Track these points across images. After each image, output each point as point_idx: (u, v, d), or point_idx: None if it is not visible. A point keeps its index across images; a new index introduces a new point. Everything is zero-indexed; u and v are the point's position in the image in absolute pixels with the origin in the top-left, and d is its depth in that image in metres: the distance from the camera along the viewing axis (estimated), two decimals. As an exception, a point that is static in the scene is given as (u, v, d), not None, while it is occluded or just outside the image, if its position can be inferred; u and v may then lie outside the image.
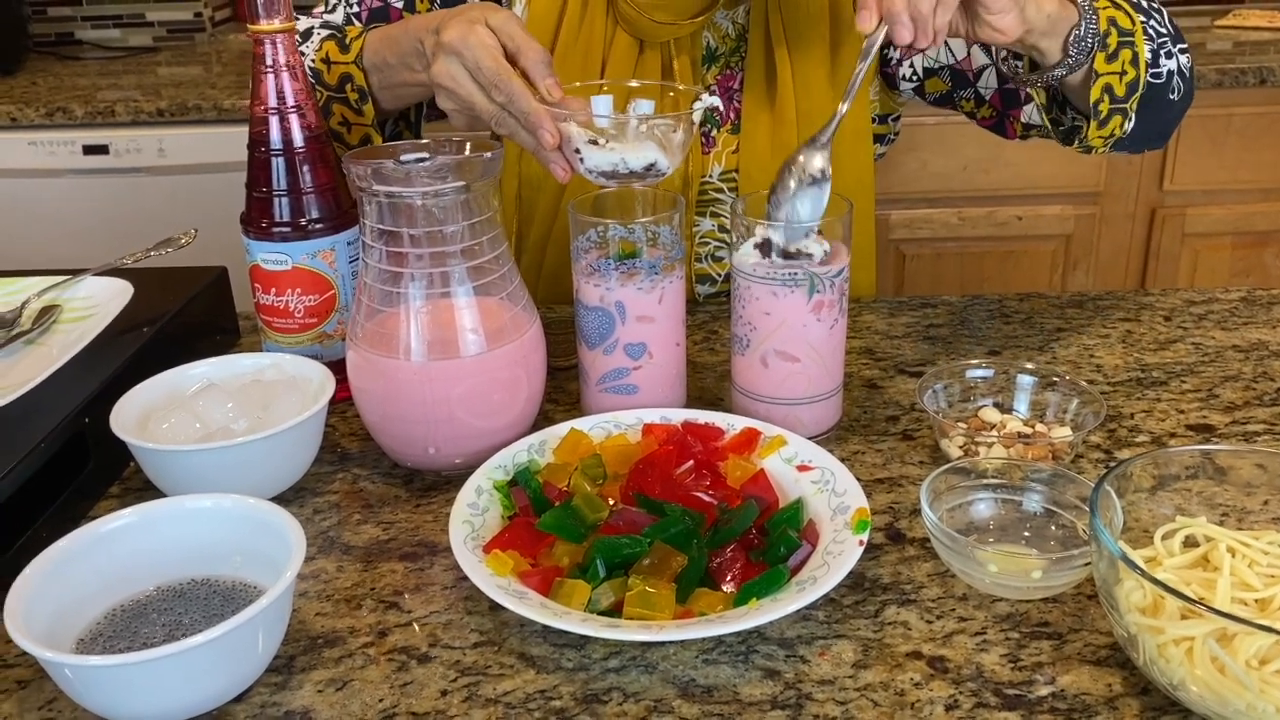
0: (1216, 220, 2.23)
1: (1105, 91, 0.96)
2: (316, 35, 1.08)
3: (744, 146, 1.12)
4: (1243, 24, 2.46)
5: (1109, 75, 0.95)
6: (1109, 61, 0.95)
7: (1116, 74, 0.95)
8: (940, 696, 0.63)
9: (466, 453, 0.84)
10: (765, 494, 0.78)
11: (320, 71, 1.05)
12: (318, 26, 1.11)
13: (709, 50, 1.11)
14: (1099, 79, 0.95)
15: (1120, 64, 0.95)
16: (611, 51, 1.09)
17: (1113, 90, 0.96)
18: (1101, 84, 0.95)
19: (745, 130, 1.12)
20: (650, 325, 0.88)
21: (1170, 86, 1.02)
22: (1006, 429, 0.87)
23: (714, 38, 1.11)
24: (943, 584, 0.73)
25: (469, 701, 0.64)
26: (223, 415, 0.85)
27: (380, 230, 0.81)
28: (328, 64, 1.05)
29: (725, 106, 1.12)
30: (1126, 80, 0.96)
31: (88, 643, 0.65)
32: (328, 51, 1.05)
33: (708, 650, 0.67)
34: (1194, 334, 1.07)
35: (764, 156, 1.11)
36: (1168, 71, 1.01)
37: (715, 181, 1.15)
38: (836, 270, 0.84)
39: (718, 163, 1.14)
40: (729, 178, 1.14)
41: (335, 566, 0.76)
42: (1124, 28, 0.95)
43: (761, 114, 1.11)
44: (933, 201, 2.21)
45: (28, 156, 2.15)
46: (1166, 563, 0.66)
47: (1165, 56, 1.01)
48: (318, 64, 1.06)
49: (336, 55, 1.05)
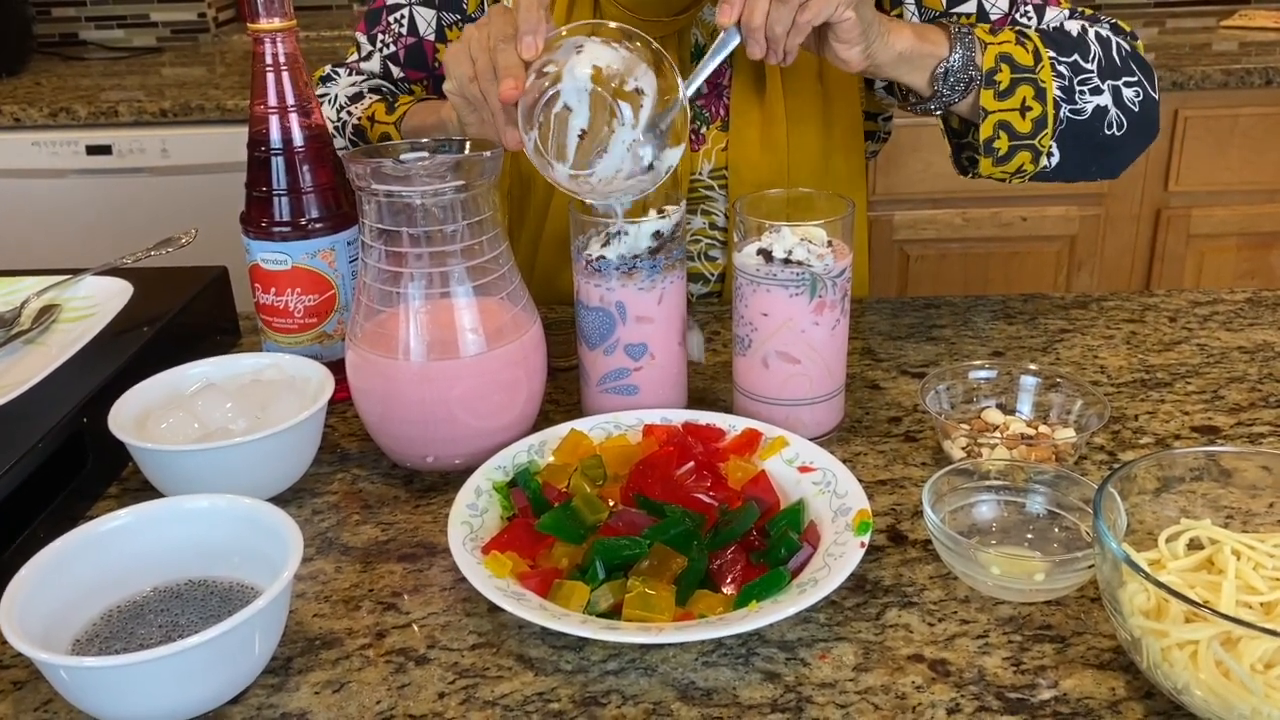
0: (1222, 221, 2.22)
1: (1000, 128, 0.97)
2: (368, 97, 1.16)
3: (733, 144, 1.12)
4: (1249, 24, 2.45)
5: (1003, 112, 0.97)
6: (999, 99, 0.96)
7: (1015, 110, 0.97)
8: (942, 700, 0.63)
9: (466, 453, 0.84)
10: (766, 495, 0.77)
11: (364, 129, 1.13)
12: (362, 83, 1.18)
13: (697, 47, 1.12)
14: (989, 116, 0.97)
15: (1017, 100, 0.96)
16: None
17: (1011, 127, 0.97)
18: (993, 121, 0.97)
19: (734, 127, 1.12)
20: (651, 325, 0.87)
21: (1104, 122, 1.01)
22: (1010, 430, 0.86)
23: (702, 35, 1.12)
24: (945, 586, 0.72)
25: (467, 704, 0.64)
26: (221, 415, 0.85)
27: (380, 230, 0.81)
28: (372, 122, 1.12)
29: (714, 104, 1.13)
30: (1032, 116, 0.97)
31: (84, 644, 0.65)
32: (374, 111, 1.13)
33: (707, 653, 0.67)
34: (1199, 335, 1.06)
35: (753, 153, 1.12)
36: (1094, 108, 0.99)
37: (705, 179, 1.15)
38: (839, 271, 0.84)
39: (707, 160, 1.14)
40: (719, 175, 1.14)
41: (334, 567, 0.76)
42: (1021, 64, 0.96)
43: (751, 111, 1.11)
44: (937, 202, 2.20)
45: (31, 157, 2.15)
46: (1171, 565, 0.66)
47: (1090, 93, 0.99)
48: (363, 121, 1.12)
49: (382, 116, 1.12)
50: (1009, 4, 1.06)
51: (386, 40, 1.18)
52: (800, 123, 1.11)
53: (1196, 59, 2.18)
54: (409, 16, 1.16)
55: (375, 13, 1.18)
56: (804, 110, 1.10)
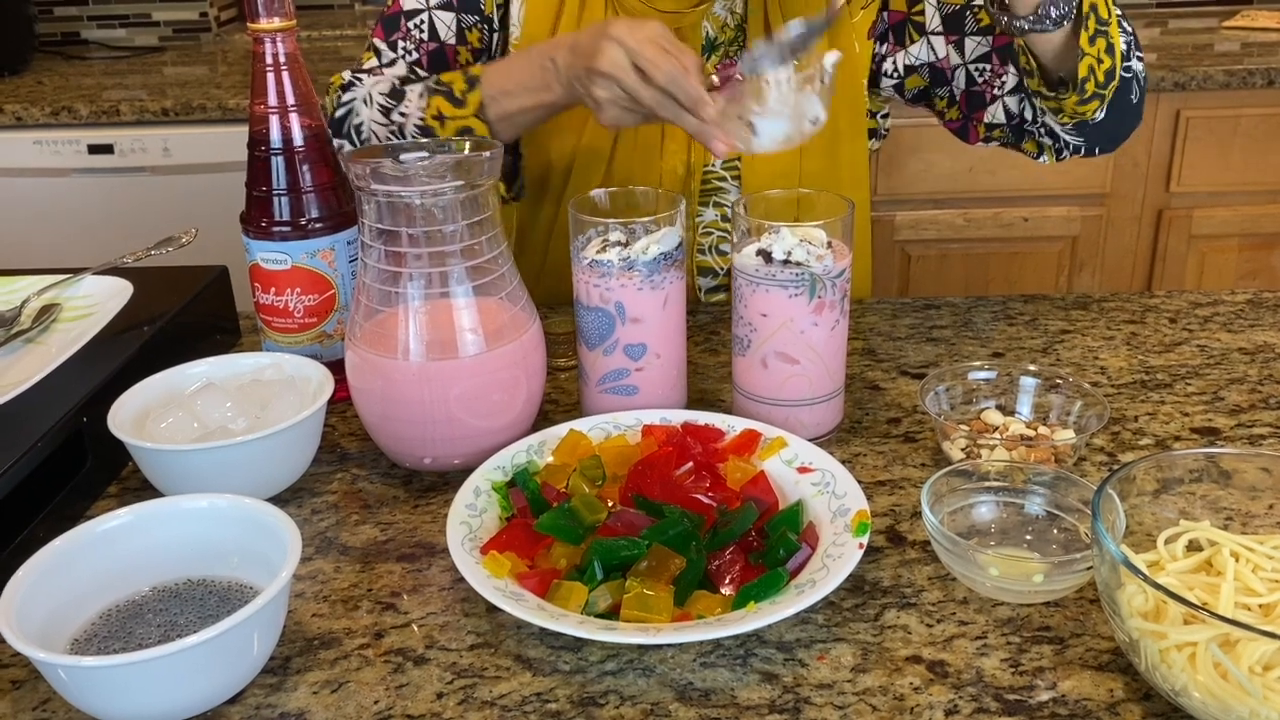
0: (1223, 222, 2.22)
1: (1090, 72, 0.96)
2: (412, 93, 1.07)
3: None
4: (1251, 25, 2.45)
5: (1090, 58, 0.96)
6: (1090, 43, 0.95)
7: (1095, 59, 0.96)
8: (940, 701, 0.63)
9: (465, 453, 0.84)
10: (765, 496, 0.77)
11: (432, 129, 1.06)
12: (397, 80, 1.10)
13: (708, 40, 1.13)
14: (1084, 58, 0.95)
15: (1098, 50, 0.96)
16: None
17: (1095, 73, 0.97)
18: (1086, 63, 0.96)
19: None
20: (651, 326, 0.87)
21: (1133, 87, 1.04)
22: (1009, 431, 0.86)
23: (713, 28, 1.12)
24: (943, 587, 0.72)
25: (465, 704, 0.64)
26: (221, 415, 0.85)
27: (379, 230, 0.81)
28: (440, 120, 1.06)
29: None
30: (1104, 68, 0.97)
31: (82, 643, 0.65)
32: (439, 108, 1.06)
33: (706, 653, 0.67)
34: (1199, 336, 1.06)
35: None
36: (1133, 74, 1.03)
37: (718, 170, 1.15)
38: (838, 271, 0.84)
39: None
40: (731, 166, 1.15)
41: (333, 567, 0.76)
42: (1101, 16, 0.95)
43: None
44: (938, 203, 2.20)
45: (33, 156, 2.15)
46: (1169, 567, 0.66)
47: (1135, 57, 1.02)
48: (429, 121, 1.06)
49: (451, 111, 1.06)
50: None
51: (408, 47, 1.15)
52: None
53: (1198, 59, 2.18)
54: (429, 22, 1.14)
55: (393, 19, 1.16)
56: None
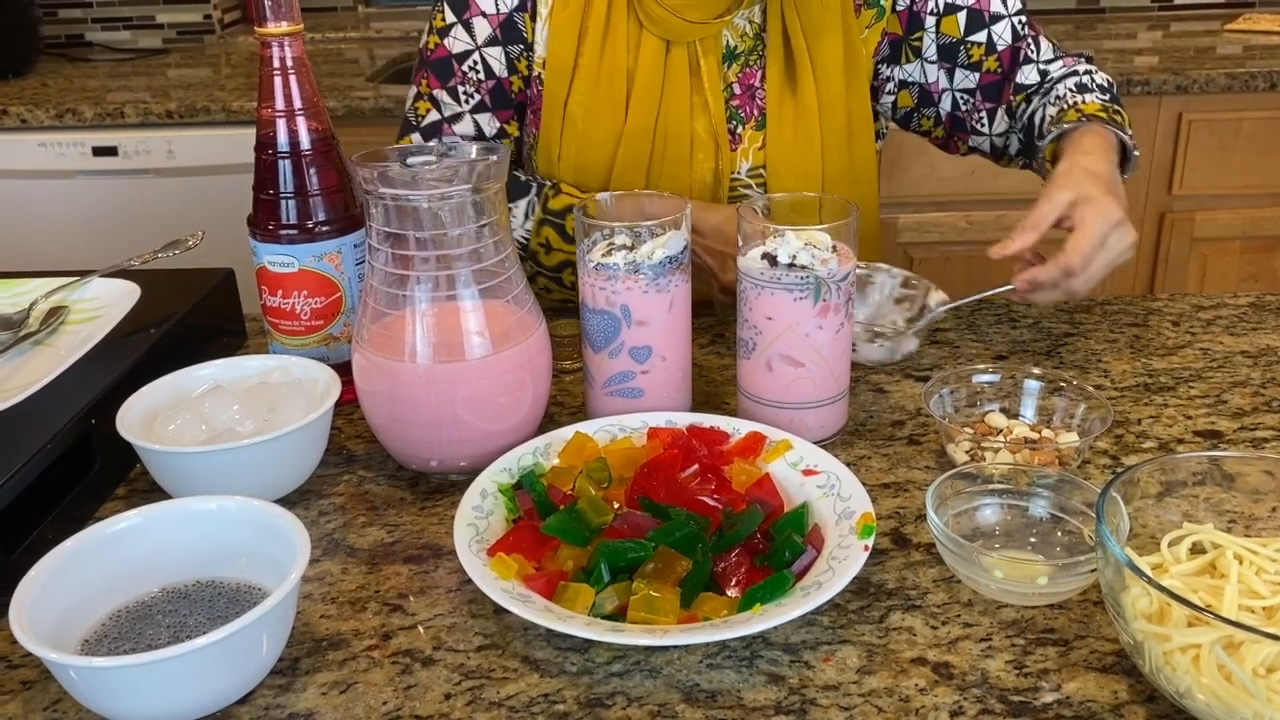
0: (1225, 225, 2.22)
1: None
2: (518, 207, 1.13)
3: (770, 140, 1.15)
4: (1253, 28, 2.45)
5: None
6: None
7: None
8: (945, 703, 0.63)
9: (471, 455, 0.84)
10: (770, 498, 0.77)
11: (537, 253, 1.14)
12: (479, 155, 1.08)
13: (728, 49, 1.14)
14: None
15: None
16: (639, 54, 1.11)
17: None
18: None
19: (770, 124, 1.14)
20: (656, 329, 0.87)
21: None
22: (1013, 434, 0.86)
23: (733, 37, 1.14)
24: (948, 590, 0.72)
25: (472, 705, 0.64)
26: (229, 417, 0.85)
27: (386, 233, 0.81)
28: (547, 248, 1.13)
29: (748, 104, 1.16)
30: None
31: (93, 644, 0.66)
32: (548, 238, 1.13)
33: (712, 655, 0.67)
34: (1202, 339, 1.06)
35: (789, 147, 1.14)
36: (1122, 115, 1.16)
37: (744, 178, 1.17)
38: (843, 275, 0.84)
39: (745, 159, 1.16)
40: (756, 174, 1.17)
41: (340, 569, 0.77)
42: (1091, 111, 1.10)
43: (785, 106, 1.14)
44: (941, 205, 2.20)
45: (37, 158, 2.16)
46: (1173, 570, 0.66)
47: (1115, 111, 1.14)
48: (534, 246, 1.14)
49: (558, 243, 1.13)
50: (1013, 36, 1.17)
51: (468, 91, 1.14)
52: (829, 108, 1.14)
53: (1200, 62, 2.18)
54: (481, 61, 1.13)
55: (442, 64, 1.14)
56: (835, 99, 1.14)
